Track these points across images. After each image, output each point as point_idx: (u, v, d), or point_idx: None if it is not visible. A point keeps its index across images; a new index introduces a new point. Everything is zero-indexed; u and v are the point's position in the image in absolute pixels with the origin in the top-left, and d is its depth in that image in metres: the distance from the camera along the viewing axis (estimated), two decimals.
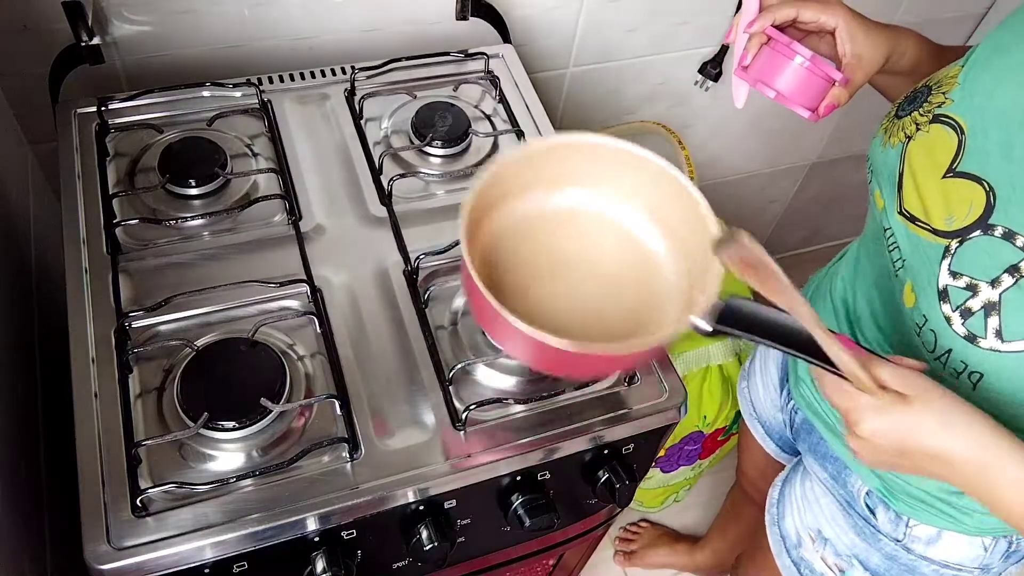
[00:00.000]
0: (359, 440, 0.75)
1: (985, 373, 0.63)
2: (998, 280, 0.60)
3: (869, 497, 0.86)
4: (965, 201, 0.63)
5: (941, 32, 1.60)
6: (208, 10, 1.03)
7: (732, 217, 1.75)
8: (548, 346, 0.62)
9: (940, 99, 0.69)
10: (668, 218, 0.76)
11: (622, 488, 0.82)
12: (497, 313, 0.62)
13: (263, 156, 0.96)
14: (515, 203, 0.76)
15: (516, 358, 0.74)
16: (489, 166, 0.70)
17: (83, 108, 0.96)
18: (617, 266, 0.77)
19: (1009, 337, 0.60)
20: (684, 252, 0.75)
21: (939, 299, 0.64)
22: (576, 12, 1.24)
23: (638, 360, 0.71)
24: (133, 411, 0.74)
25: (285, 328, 0.82)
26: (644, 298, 0.75)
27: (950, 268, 0.63)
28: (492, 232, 0.75)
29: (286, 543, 0.71)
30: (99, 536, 0.66)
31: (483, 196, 0.70)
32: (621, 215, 0.78)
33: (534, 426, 0.78)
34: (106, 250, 0.85)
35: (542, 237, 0.77)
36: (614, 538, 1.72)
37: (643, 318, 0.74)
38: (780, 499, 1.01)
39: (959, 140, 0.65)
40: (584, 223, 0.78)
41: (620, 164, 0.75)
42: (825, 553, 0.92)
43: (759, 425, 1.13)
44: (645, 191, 0.75)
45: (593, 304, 0.75)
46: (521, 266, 0.75)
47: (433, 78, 1.07)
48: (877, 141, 0.75)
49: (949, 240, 0.64)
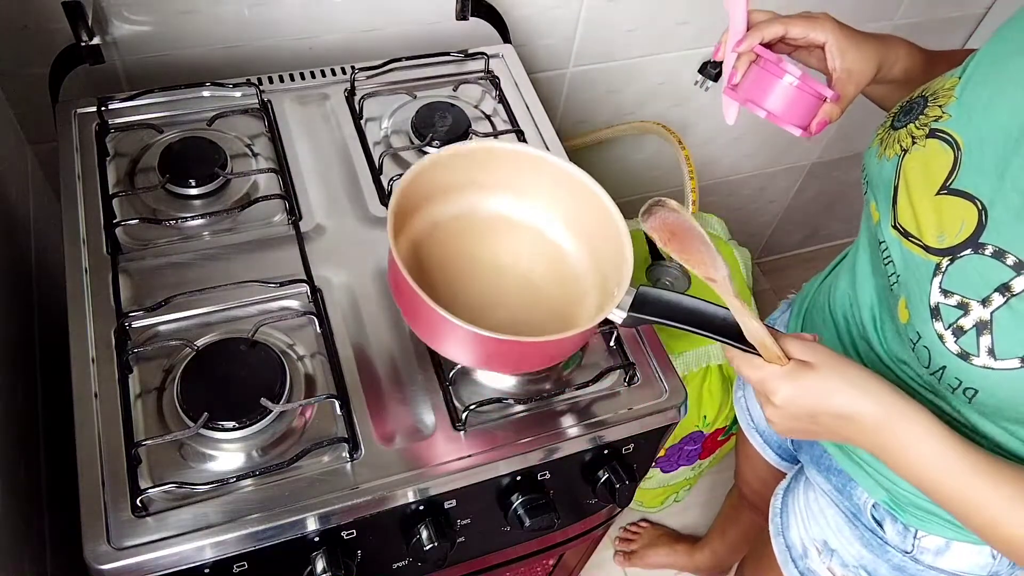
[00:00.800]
0: (359, 440, 0.75)
1: (980, 389, 0.63)
2: (989, 299, 0.60)
3: (876, 509, 0.85)
4: (957, 219, 0.63)
5: (941, 32, 1.60)
6: (208, 10, 1.03)
7: (732, 217, 1.75)
8: (482, 339, 0.67)
9: (937, 113, 0.68)
10: (580, 219, 0.82)
11: (622, 488, 0.82)
12: (432, 310, 0.67)
13: (263, 156, 0.96)
14: (443, 205, 0.82)
15: (449, 356, 0.76)
16: (414, 167, 0.75)
17: (83, 108, 0.96)
18: (539, 266, 0.84)
19: (1001, 355, 0.60)
20: (595, 249, 0.81)
21: (931, 317, 0.64)
22: (576, 12, 1.24)
23: (563, 349, 0.76)
24: (133, 411, 0.74)
25: (285, 328, 0.82)
26: (565, 295, 0.82)
27: (941, 286, 0.63)
28: (421, 230, 0.80)
29: (286, 543, 0.71)
30: (99, 536, 0.66)
31: (409, 195, 0.75)
32: (538, 218, 0.85)
33: (534, 426, 0.78)
34: (106, 250, 0.85)
35: (469, 239, 0.83)
36: (614, 538, 1.72)
37: (567, 313, 0.80)
38: (783, 509, 1.00)
39: (955, 157, 0.65)
40: (507, 227, 0.84)
41: (535, 170, 0.81)
42: (832, 564, 0.91)
43: (757, 435, 1.12)
44: (559, 195, 0.82)
45: (520, 302, 0.81)
46: (449, 266, 0.81)
47: (433, 78, 1.07)
48: (872, 151, 0.75)
49: (940, 258, 0.64)
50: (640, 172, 1.61)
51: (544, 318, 0.80)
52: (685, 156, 1.32)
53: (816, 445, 0.93)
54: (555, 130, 1.04)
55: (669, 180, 1.67)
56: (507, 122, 1.04)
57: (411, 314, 0.74)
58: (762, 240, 2.08)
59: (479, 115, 1.03)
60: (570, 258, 0.84)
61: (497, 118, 1.04)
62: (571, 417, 0.80)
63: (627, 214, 0.78)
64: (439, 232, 0.82)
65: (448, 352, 0.74)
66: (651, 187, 1.66)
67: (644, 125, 1.42)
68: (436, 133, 0.97)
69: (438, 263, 0.80)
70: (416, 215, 0.80)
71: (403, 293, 0.71)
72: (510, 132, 1.01)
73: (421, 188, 0.77)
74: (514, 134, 1.01)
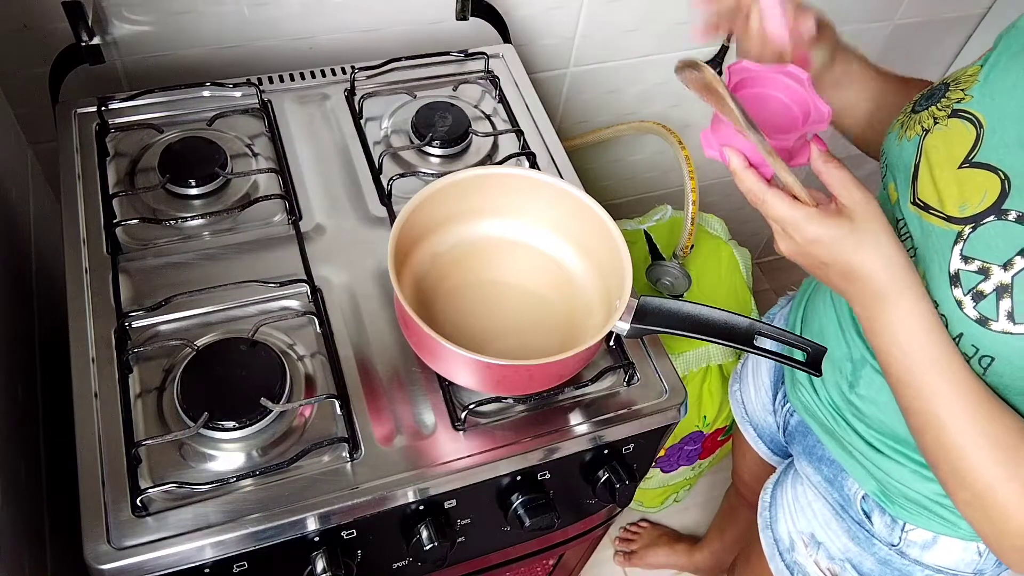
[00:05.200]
0: (359, 440, 0.75)
1: (996, 356, 0.63)
2: (1011, 262, 0.61)
3: (865, 501, 0.86)
4: (980, 189, 0.64)
5: (941, 32, 1.60)
6: (208, 10, 1.03)
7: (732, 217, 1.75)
8: (489, 366, 0.69)
9: (959, 95, 0.69)
10: (577, 234, 0.83)
11: (622, 488, 0.82)
12: (436, 342, 0.68)
13: (263, 156, 0.96)
14: (440, 236, 0.83)
15: (462, 384, 0.77)
16: (410, 202, 0.77)
17: (83, 108, 0.96)
18: (542, 286, 0.85)
19: (1021, 319, 0.60)
20: (596, 263, 0.83)
21: (951, 284, 0.64)
22: (576, 12, 1.24)
23: (571, 367, 0.77)
24: (133, 411, 0.74)
25: (285, 328, 0.82)
26: (570, 312, 0.83)
27: (962, 253, 0.64)
28: (422, 264, 0.82)
29: (286, 543, 0.71)
30: (99, 536, 0.66)
31: (404, 235, 0.76)
32: (535, 237, 0.86)
33: (534, 426, 0.78)
34: (106, 250, 0.85)
35: (471, 265, 0.84)
36: (614, 538, 1.72)
37: (574, 328, 0.81)
38: (772, 503, 1.01)
39: (977, 133, 0.66)
40: (507, 249, 0.86)
41: (525, 190, 0.83)
42: (818, 557, 0.92)
43: (751, 428, 1.13)
44: (553, 213, 0.84)
45: (528, 320, 0.82)
46: (454, 294, 0.82)
47: (433, 78, 1.07)
48: (893, 136, 0.75)
49: (962, 226, 0.64)
50: (640, 172, 1.61)
51: (552, 335, 0.81)
52: (685, 156, 1.32)
53: (810, 435, 0.93)
54: (555, 130, 1.04)
55: (669, 180, 1.67)
56: (507, 122, 1.04)
57: (421, 348, 0.75)
58: (762, 240, 2.08)
59: (479, 115, 1.03)
60: (572, 273, 0.85)
61: (497, 118, 1.04)
62: (571, 417, 0.80)
63: (627, 214, 0.78)
64: (440, 263, 0.83)
65: (460, 380, 0.75)
66: (651, 187, 1.66)
67: (644, 125, 1.42)
68: (436, 133, 0.97)
69: (443, 293, 0.81)
70: (415, 251, 0.81)
71: (411, 330, 0.73)
72: (510, 132, 1.01)
73: (416, 226, 0.79)
74: (514, 134, 1.01)
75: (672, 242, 1.42)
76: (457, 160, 0.99)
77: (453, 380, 0.77)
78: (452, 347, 0.68)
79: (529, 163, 0.99)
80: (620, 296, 0.73)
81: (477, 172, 0.81)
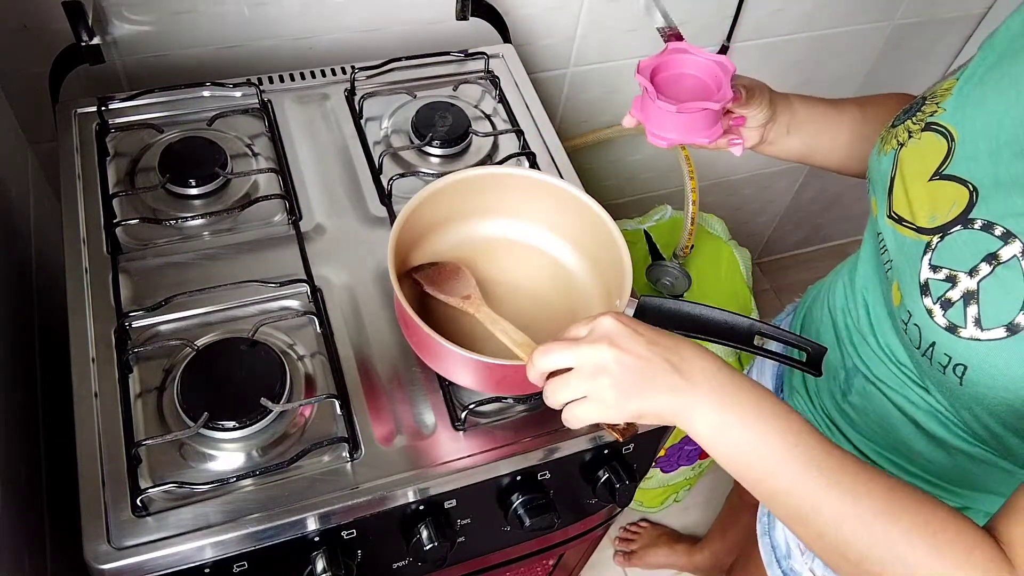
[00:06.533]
0: (359, 440, 0.75)
1: (968, 364, 0.63)
2: (976, 269, 0.62)
3: None
4: (949, 200, 0.65)
5: (941, 32, 1.60)
6: (208, 10, 1.03)
7: (732, 217, 1.76)
8: (489, 366, 0.69)
9: (933, 108, 0.71)
10: (577, 234, 0.83)
11: (622, 488, 0.82)
12: (436, 342, 0.68)
13: (263, 156, 0.96)
14: (440, 236, 0.83)
15: (464, 384, 0.77)
16: (410, 202, 0.77)
17: (83, 108, 0.96)
18: (542, 286, 0.85)
19: (988, 325, 0.61)
20: (596, 263, 0.83)
21: (921, 293, 0.65)
22: (576, 12, 1.24)
23: None
24: (133, 411, 0.74)
25: (285, 328, 0.82)
26: (571, 312, 0.83)
27: (931, 262, 0.65)
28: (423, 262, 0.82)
29: (286, 543, 0.71)
30: (99, 536, 0.66)
31: (403, 236, 0.76)
32: (535, 236, 0.86)
33: (534, 426, 0.78)
34: (106, 250, 0.85)
35: (471, 265, 0.83)
36: (614, 538, 1.72)
37: None
38: None
39: (949, 146, 0.67)
40: (507, 249, 0.86)
41: (524, 190, 0.83)
42: (813, 565, 0.92)
43: None
44: (553, 213, 0.83)
45: (529, 319, 0.80)
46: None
47: (433, 78, 1.07)
48: (875, 150, 0.77)
49: (931, 236, 0.65)
50: (640, 172, 1.61)
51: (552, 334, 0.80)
52: (685, 156, 1.32)
53: None
54: (555, 130, 1.04)
55: (669, 180, 1.67)
56: (507, 122, 1.04)
57: (421, 348, 0.75)
58: (762, 240, 2.09)
59: (479, 115, 1.03)
60: (572, 272, 0.85)
61: (497, 118, 1.04)
62: None
63: (627, 214, 0.78)
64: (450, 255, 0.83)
65: (461, 380, 0.75)
66: (650, 187, 1.66)
67: None
68: (436, 133, 0.97)
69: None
70: (415, 251, 0.81)
71: (411, 330, 0.73)
72: (510, 132, 1.01)
73: (416, 226, 0.79)
74: (514, 134, 1.01)
75: (672, 242, 1.42)
76: (457, 160, 0.99)
77: (453, 380, 0.76)
78: (452, 347, 0.68)
79: (529, 163, 0.99)
80: (620, 296, 0.73)
81: (477, 172, 0.81)
